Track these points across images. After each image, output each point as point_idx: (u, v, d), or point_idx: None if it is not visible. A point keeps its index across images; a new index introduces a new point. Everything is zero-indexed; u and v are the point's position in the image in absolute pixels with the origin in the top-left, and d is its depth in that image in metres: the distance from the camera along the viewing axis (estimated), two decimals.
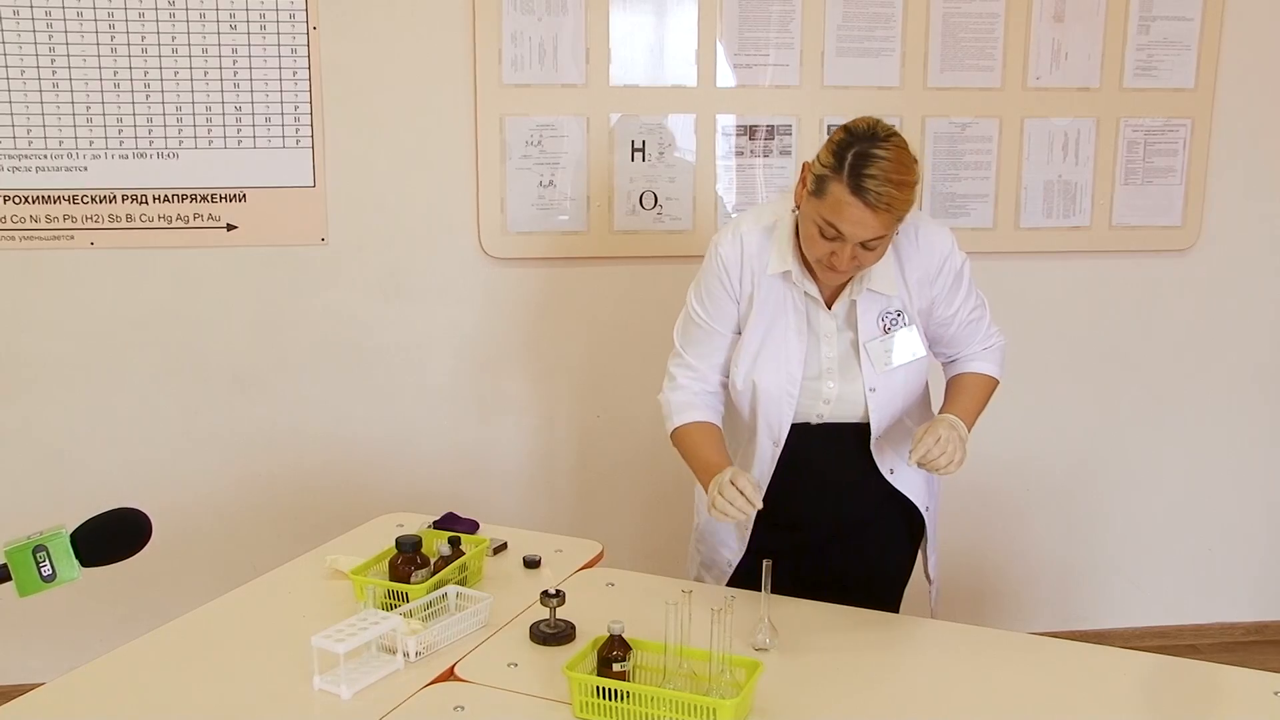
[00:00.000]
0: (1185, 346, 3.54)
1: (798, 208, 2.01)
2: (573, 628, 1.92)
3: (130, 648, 1.90)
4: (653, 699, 1.64)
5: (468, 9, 3.10)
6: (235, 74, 3.07)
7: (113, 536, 1.45)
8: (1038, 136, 3.34)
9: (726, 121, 3.23)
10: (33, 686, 1.77)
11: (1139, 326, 3.52)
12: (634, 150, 3.21)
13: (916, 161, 1.93)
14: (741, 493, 1.89)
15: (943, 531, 3.54)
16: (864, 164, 1.85)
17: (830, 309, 2.10)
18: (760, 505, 1.91)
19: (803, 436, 2.15)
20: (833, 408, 2.13)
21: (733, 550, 2.27)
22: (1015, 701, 1.76)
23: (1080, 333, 3.50)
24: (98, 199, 3.07)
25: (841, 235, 1.90)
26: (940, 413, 2.11)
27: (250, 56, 3.06)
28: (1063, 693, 1.78)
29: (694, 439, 2.11)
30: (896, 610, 2.29)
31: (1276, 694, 1.75)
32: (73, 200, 3.07)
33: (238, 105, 3.08)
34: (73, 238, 3.09)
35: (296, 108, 3.10)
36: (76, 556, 1.39)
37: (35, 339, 3.14)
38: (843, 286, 2.09)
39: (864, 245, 1.91)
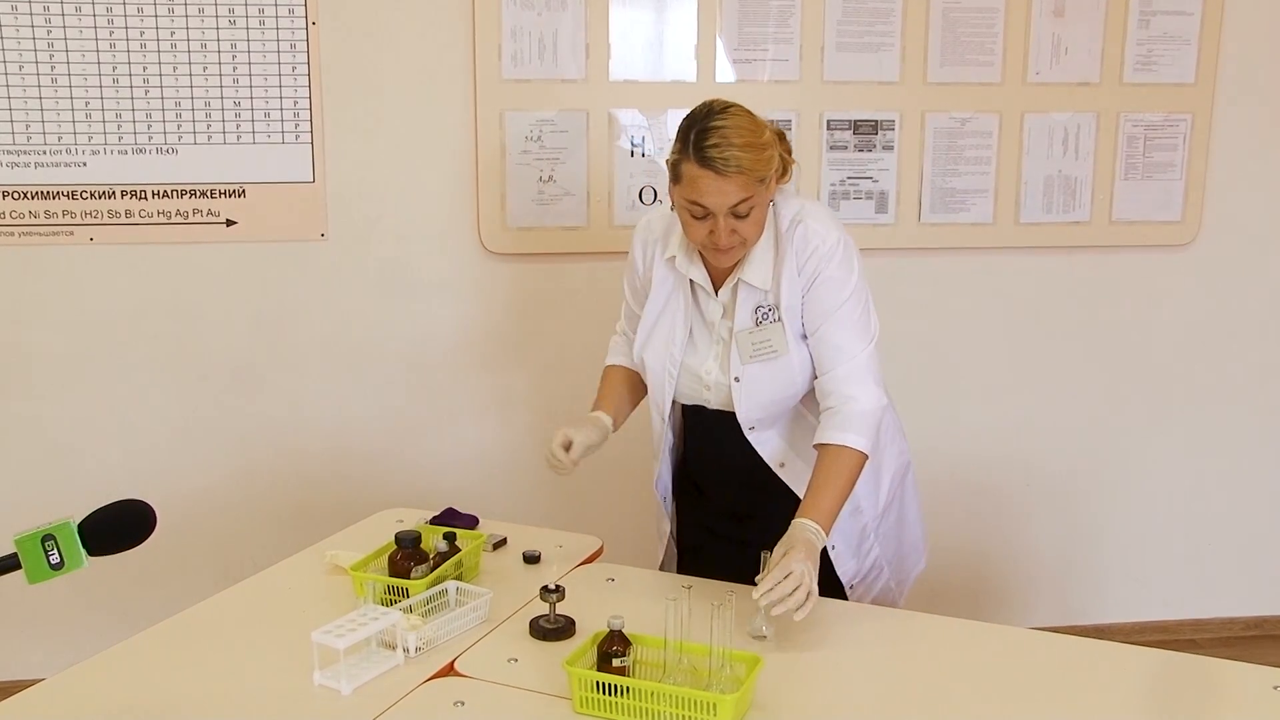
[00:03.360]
0: (1185, 341, 3.54)
1: (674, 205, 2.06)
2: (572, 623, 1.92)
3: (130, 643, 1.90)
4: (653, 694, 1.64)
5: (467, 4, 3.10)
6: (234, 69, 3.06)
7: (118, 527, 1.50)
8: (1038, 131, 3.34)
9: None
10: (33, 682, 1.77)
11: (1138, 321, 3.52)
12: (634, 145, 3.21)
13: (765, 125, 1.99)
14: (556, 450, 2.12)
15: (943, 526, 3.55)
16: (705, 138, 1.93)
17: (717, 295, 2.15)
18: (565, 464, 2.12)
19: (699, 418, 2.23)
20: (714, 394, 2.17)
21: (664, 526, 2.41)
22: (1015, 696, 1.76)
23: (1079, 328, 3.50)
24: (97, 195, 3.07)
25: (708, 210, 1.95)
26: (800, 509, 1.99)
27: (249, 52, 3.06)
28: (1063, 687, 1.78)
29: (602, 381, 2.35)
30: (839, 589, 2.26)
31: (1276, 688, 1.75)
32: (72, 196, 3.06)
33: (237, 100, 3.08)
34: (72, 233, 3.09)
35: (296, 103, 3.10)
36: (84, 546, 1.45)
37: (34, 335, 3.14)
38: (729, 273, 2.13)
39: (735, 215, 1.96)
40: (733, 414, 2.15)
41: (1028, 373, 3.51)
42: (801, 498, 2.04)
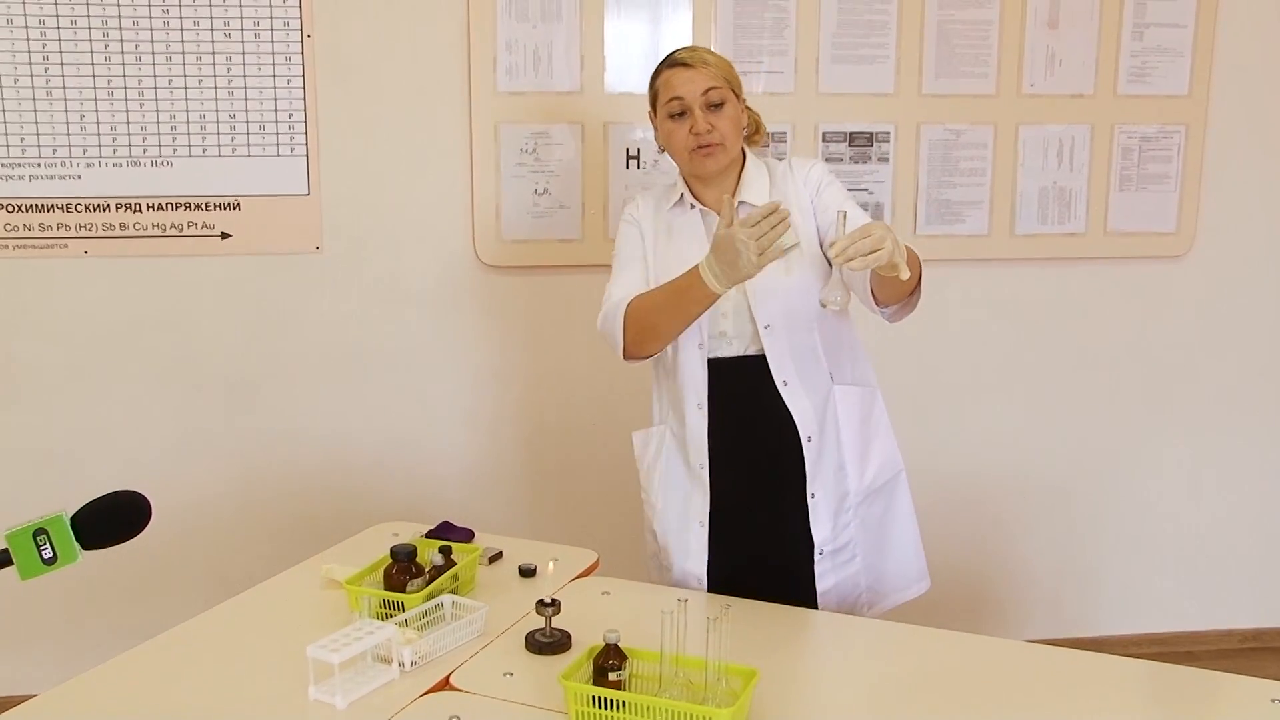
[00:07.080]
0: (1180, 352, 3.55)
1: (662, 149, 2.28)
2: (568, 637, 1.92)
3: (125, 658, 1.89)
4: (649, 708, 1.64)
5: (462, 17, 3.11)
6: (229, 82, 3.06)
7: (112, 519, 1.48)
8: (1032, 143, 3.35)
9: None
10: (27, 697, 1.76)
11: (1134, 332, 3.52)
12: (629, 158, 3.22)
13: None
14: (753, 223, 1.91)
15: (938, 538, 3.54)
16: (673, 52, 2.26)
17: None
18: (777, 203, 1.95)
19: (717, 375, 2.22)
20: (733, 303, 2.19)
21: (697, 560, 2.27)
22: (1012, 710, 1.76)
23: (1075, 339, 3.50)
24: (91, 207, 3.07)
25: (685, 104, 2.18)
26: None
27: (244, 64, 3.06)
28: (1060, 700, 1.78)
29: (647, 295, 2.21)
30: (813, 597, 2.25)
31: (1274, 701, 1.74)
32: (66, 209, 3.06)
33: (232, 113, 3.08)
34: (66, 246, 3.09)
35: (291, 115, 3.10)
36: (77, 539, 1.42)
37: (29, 347, 3.14)
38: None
39: (710, 105, 2.17)
40: (750, 359, 2.17)
41: (1023, 384, 3.52)
42: (800, 421, 2.18)
